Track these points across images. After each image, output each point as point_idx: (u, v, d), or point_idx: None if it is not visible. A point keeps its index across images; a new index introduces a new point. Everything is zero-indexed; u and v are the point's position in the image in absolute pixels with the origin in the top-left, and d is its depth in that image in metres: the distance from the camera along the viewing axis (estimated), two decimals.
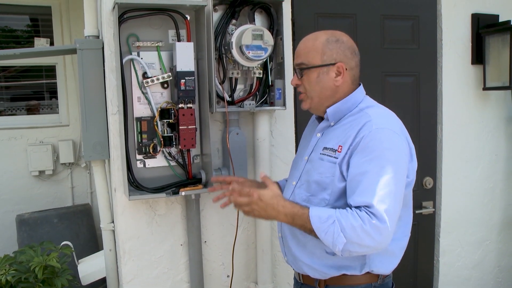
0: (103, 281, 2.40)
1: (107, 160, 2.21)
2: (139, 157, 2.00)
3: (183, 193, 1.99)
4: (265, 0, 2.09)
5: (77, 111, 3.78)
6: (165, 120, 1.97)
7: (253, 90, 2.14)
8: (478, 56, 2.77)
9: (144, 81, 1.96)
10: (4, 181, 3.71)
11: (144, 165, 2.01)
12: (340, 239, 1.30)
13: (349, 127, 1.46)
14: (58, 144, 3.79)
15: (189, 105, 1.95)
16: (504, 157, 2.94)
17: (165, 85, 2.00)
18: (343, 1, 2.52)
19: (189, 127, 1.94)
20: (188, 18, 1.99)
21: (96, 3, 2.16)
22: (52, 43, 3.83)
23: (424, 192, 2.79)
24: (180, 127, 1.94)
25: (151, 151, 1.98)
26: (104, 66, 2.05)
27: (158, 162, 2.03)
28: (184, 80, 1.91)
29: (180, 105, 1.94)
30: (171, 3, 1.93)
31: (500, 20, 2.78)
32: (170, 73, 1.98)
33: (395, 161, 1.37)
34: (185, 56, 1.91)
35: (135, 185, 1.97)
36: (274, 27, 2.13)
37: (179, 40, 1.99)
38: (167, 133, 1.98)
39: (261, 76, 2.13)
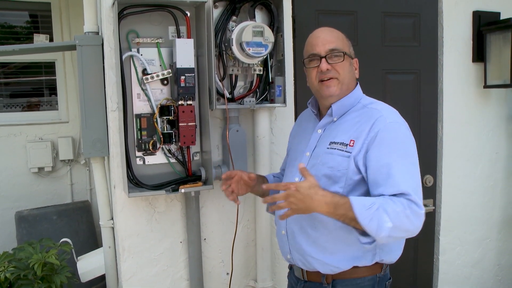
0: (102, 278, 2.40)
1: (107, 157, 2.20)
2: (138, 154, 1.99)
3: (182, 190, 1.98)
4: None
5: (76, 108, 3.77)
6: (165, 117, 1.96)
7: (253, 87, 2.13)
8: (479, 54, 2.76)
9: (143, 77, 1.95)
10: (3, 178, 3.71)
11: (144, 162, 2.01)
12: (385, 225, 1.32)
13: (358, 122, 1.51)
14: (57, 141, 3.78)
15: (189, 102, 1.95)
16: (504, 155, 2.93)
17: (165, 82, 1.99)
18: None
19: (189, 124, 1.94)
20: (188, 14, 1.98)
21: None
22: (51, 40, 3.81)
23: (424, 190, 2.73)
24: (180, 124, 1.93)
25: (150, 148, 1.98)
26: (103, 63, 2.04)
27: (157, 159, 2.02)
28: (184, 77, 1.90)
29: (180, 102, 1.93)
30: None
31: (502, 17, 2.77)
32: (170, 70, 1.97)
33: (412, 152, 1.46)
34: (185, 53, 1.90)
35: (135, 182, 1.96)
36: (275, 24, 2.12)
37: (179, 37, 1.98)
38: (166, 130, 1.97)
39: (262, 73, 2.12)
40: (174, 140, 1.97)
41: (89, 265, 2.39)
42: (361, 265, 1.52)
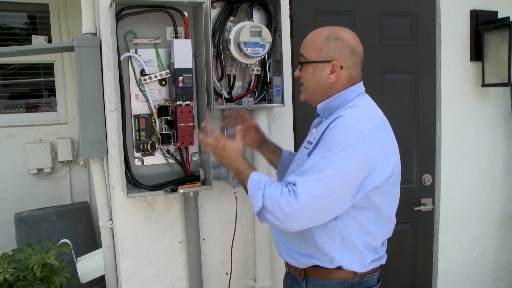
0: (101, 279, 2.40)
1: (105, 158, 2.21)
2: (137, 154, 2.00)
3: (181, 191, 1.99)
4: None
5: (75, 109, 3.76)
6: (163, 118, 1.96)
7: (251, 87, 2.14)
8: (477, 53, 2.77)
9: (142, 78, 1.95)
10: (3, 179, 3.70)
11: (142, 162, 2.01)
12: (257, 203, 1.42)
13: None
14: (56, 142, 3.78)
15: (187, 102, 1.95)
16: (503, 153, 2.94)
17: (163, 82, 1.99)
18: None
19: (187, 124, 1.94)
20: (186, 15, 1.98)
21: (93, 0, 2.15)
22: (50, 41, 3.81)
23: (423, 189, 2.79)
24: (178, 125, 1.93)
25: (149, 148, 1.98)
26: (101, 64, 2.05)
27: (156, 159, 2.03)
28: (182, 77, 1.90)
29: (178, 102, 1.94)
30: (169, 0, 1.92)
31: (499, 16, 2.78)
32: (168, 70, 1.97)
33: (343, 158, 1.36)
34: (183, 53, 1.91)
35: (133, 182, 1.97)
36: (272, 24, 2.12)
37: (177, 37, 1.98)
38: (165, 131, 1.98)
39: (259, 73, 2.12)
40: (172, 140, 1.98)
41: (88, 266, 2.39)
42: (322, 266, 1.50)
